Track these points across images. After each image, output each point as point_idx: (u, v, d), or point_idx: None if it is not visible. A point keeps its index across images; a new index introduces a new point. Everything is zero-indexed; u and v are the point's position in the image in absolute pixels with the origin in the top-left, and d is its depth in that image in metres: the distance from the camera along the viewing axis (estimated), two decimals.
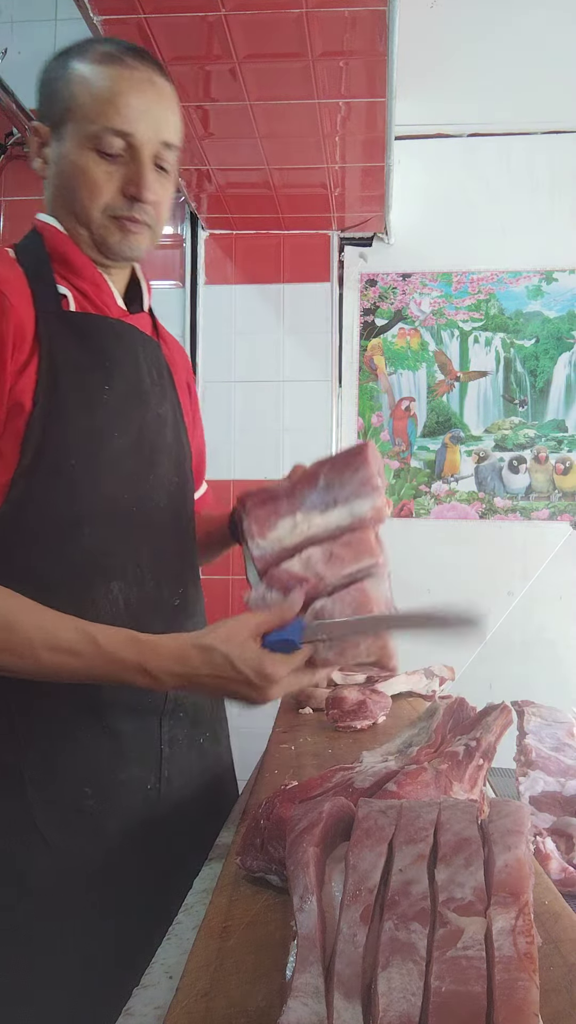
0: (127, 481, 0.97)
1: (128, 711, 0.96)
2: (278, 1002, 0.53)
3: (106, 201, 0.96)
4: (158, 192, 0.98)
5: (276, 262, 2.39)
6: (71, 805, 0.91)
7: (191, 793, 1.03)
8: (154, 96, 0.98)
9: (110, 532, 0.95)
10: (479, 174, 2.38)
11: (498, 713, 0.90)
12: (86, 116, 0.94)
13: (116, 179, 0.96)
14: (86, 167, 0.95)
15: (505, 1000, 0.47)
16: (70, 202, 0.97)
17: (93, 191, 0.96)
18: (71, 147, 0.95)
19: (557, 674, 2.28)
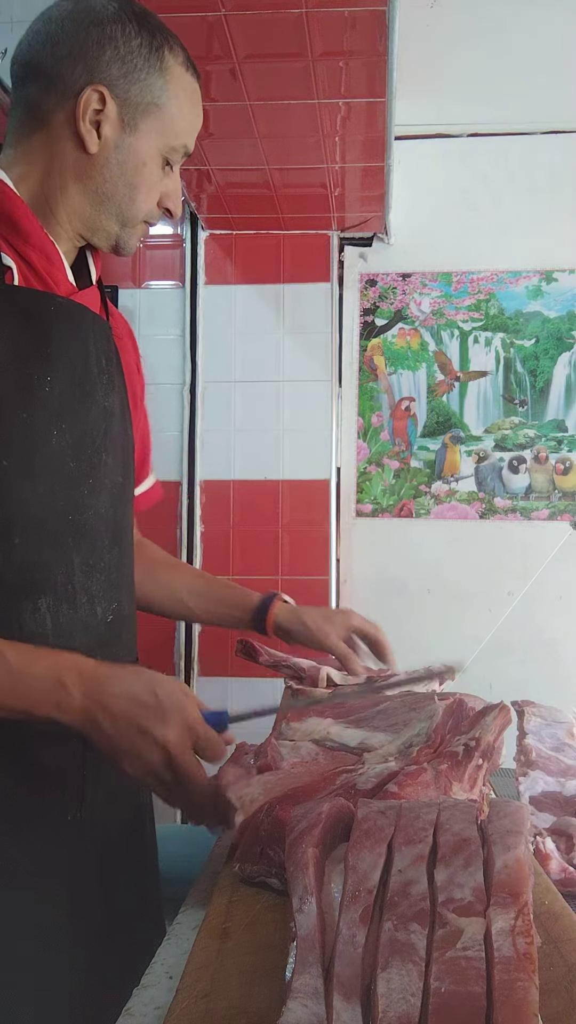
0: (64, 485, 0.87)
1: (51, 741, 0.84)
2: (278, 1003, 0.53)
3: (150, 208, 0.94)
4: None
5: (276, 262, 2.39)
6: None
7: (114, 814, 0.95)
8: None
9: (41, 543, 0.84)
10: (479, 174, 2.38)
11: (497, 712, 0.90)
12: (174, 129, 0.92)
13: (157, 191, 0.94)
14: (154, 175, 0.92)
15: (505, 1000, 0.47)
16: (115, 196, 0.91)
17: (150, 197, 0.93)
18: (146, 147, 0.90)
19: (557, 674, 2.28)
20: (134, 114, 0.89)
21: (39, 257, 0.87)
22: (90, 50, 0.87)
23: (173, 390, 2.40)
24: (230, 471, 2.38)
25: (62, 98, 0.88)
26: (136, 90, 0.89)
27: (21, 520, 0.83)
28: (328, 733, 1.06)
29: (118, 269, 2.41)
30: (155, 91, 0.90)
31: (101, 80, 0.87)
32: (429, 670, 1.44)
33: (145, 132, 0.90)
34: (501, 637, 2.32)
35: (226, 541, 2.37)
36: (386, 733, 1.01)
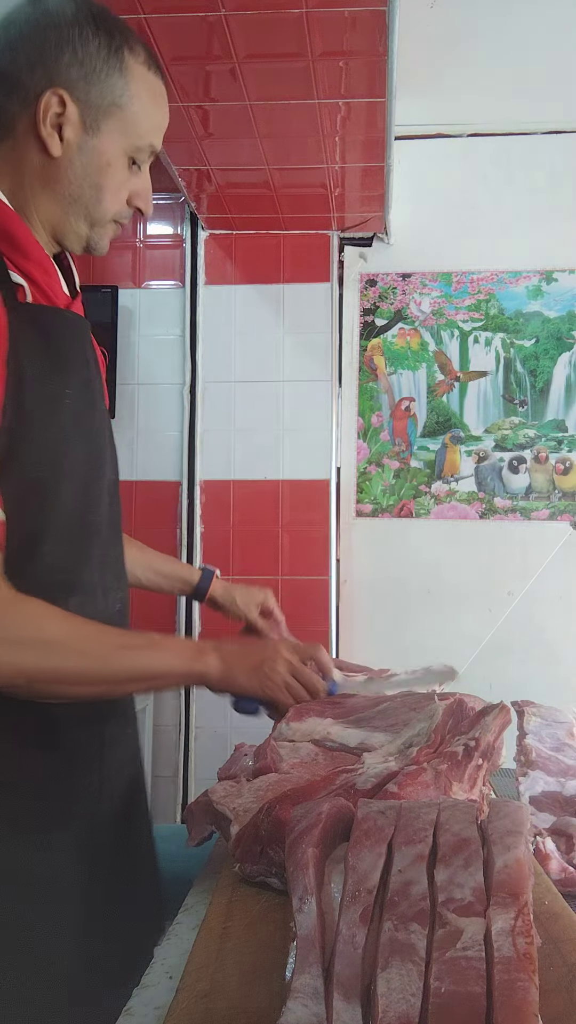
0: (82, 489, 0.93)
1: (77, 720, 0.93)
2: (278, 1003, 0.53)
3: (118, 208, 0.95)
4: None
5: (276, 262, 2.39)
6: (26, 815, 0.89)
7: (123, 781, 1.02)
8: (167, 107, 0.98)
9: (67, 547, 0.91)
10: (479, 174, 2.38)
11: (497, 712, 0.90)
12: (138, 129, 0.93)
13: (125, 190, 0.95)
14: (120, 175, 0.93)
15: (504, 1000, 0.47)
16: (81, 198, 0.92)
17: (117, 197, 0.94)
18: (109, 147, 0.91)
19: (557, 674, 2.28)
20: (96, 116, 0.90)
21: (39, 272, 0.89)
22: (48, 54, 0.87)
23: (173, 390, 2.40)
24: (230, 471, 2.38)
25: (24, 104, 0.88)
26: (96, 91, 0.89)
27: (51, 528, 0.88)
28: (328, 733, 1.06)
29: (118, 269, 2.41)
30: (116, 92, 0.90)
31: (60, 83, 0.87)
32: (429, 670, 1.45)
33: (107, 133, 0.91)
34: (501, 637, 2.32)
35: (226, 541, 2.37)
36: (386, 733, 1.01)
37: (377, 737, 1.01)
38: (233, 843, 0.80)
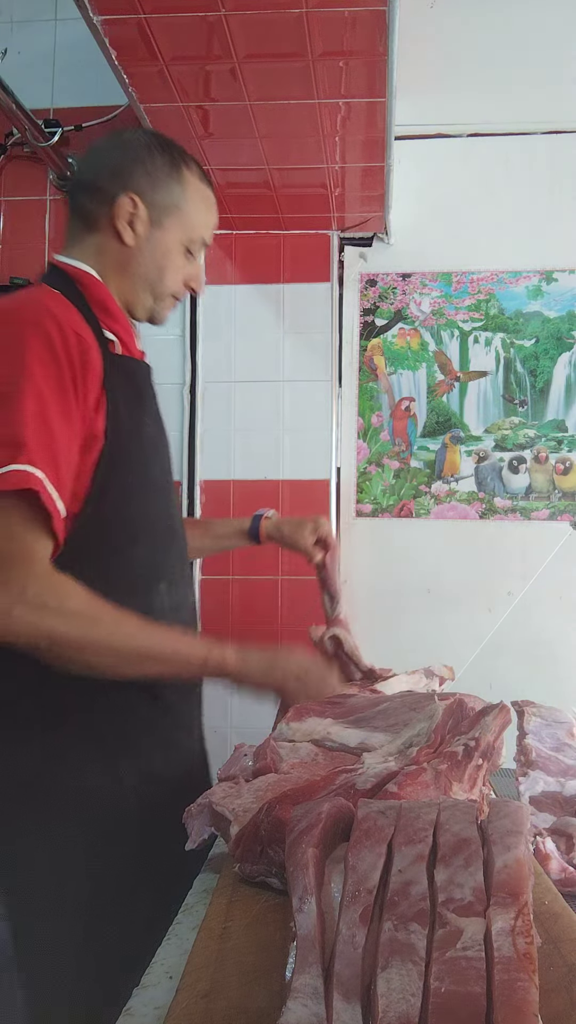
0: (162, 498, 1.19)
1: (175, 687, 1.17)
2: (278, 1003, 0.53)
3: (176, 287, 1.23)
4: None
5: (276, 262, 2.39)
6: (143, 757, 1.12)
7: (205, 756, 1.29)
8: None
9: (156, 543, 1.16)
10: (479, 174, 2.38)
11: (496, 712, 0.90)
12: (193, 226, 1.21)
13: (183, 274, 1.23)
14: (178, 261, 1.21)
15: (504, 1000, 0.47)
16: (147, 277, 1.19)
17: (176, 279, 1.22)
18: (171, 239, 1.19)
19: (557, 674, 2.28)
20: (159, 214, 1.17)
21: (124, 331, 1.17)
22: (125, 167, 1.16)
23: (173, 390, 2.40)
24: (230, 471, 2.38)
25: (105, 205, 1.15)
26: (160, 195, 1.17)
27: (143, 528, 1.12)
28: (328, 733, 1.06)
29: None
30: (175, 196, 1.18)
31: (133, 188, 1.15)
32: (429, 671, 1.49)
33: (169, 227, 1.18)
34: (501, 637, 2.32)
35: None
36: (386, 733, 1.01)
37: (377, 737, 1.01)
38: (233, 843, 0.80)
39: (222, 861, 0.87)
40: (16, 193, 2.43)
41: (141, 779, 1.11)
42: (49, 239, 2.42)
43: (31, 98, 2.21)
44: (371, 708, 1.13)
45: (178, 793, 1.08)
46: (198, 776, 1.23)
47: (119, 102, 2.29)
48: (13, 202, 2.44)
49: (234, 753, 1.07)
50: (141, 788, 1.10)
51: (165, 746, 1.16)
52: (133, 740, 1.12)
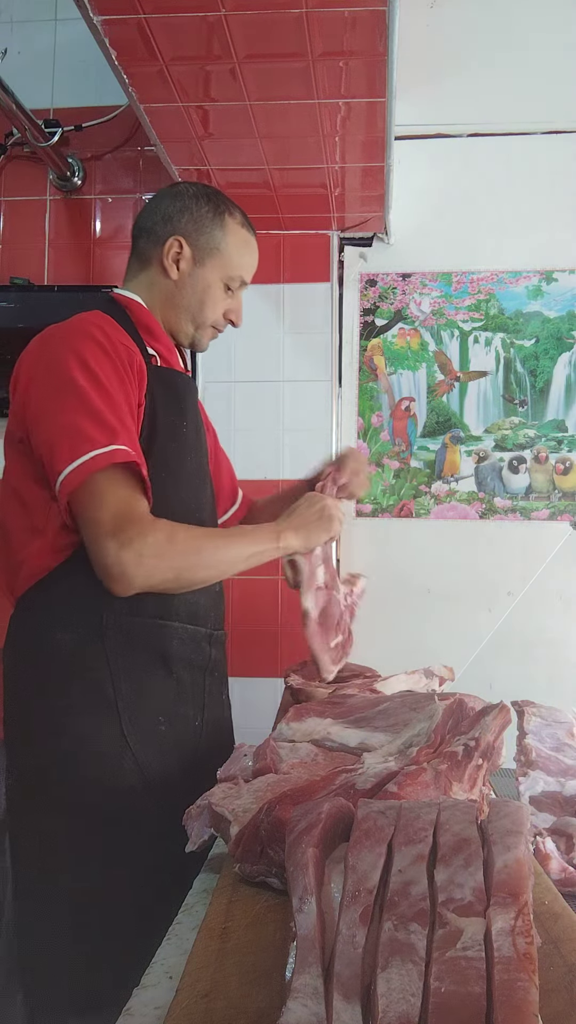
0: (194, 492, 1.33)
1: (186, 664, 1.28)
2: (278, 1003, 0.53)
3: (215, 318, 1.39)
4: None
5: (276, 262, 2.39)
6: (152, 729, 1.21)
7: (218, 739, 1.36)
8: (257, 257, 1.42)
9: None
10: (479, 174, 2.38)
11: (496, 712, 0.90)
12: (232, 265, 1.37)
13: (223, 307, 1.39)
14: (217, 295, 1.37)
15: (504, 1000, 0.47)
16: (191, 307, 1.36)
17: (215, 311, 1.38)
18: (211, 276, 1.36)
19: (557, 674, 2.28)
20: (202, 255, 1.35)
21: (165, 350, 1.33)
22: (175, 214, 1.35)
23: None
24: None
25: (157, 245, 1.35)
26: (204, 239, 1.35)
27: (174, 512, 1.19)
28: (328, 733, 1.06)
29: (118, 269, 2.41)
30: (216, 239, 1.35)
31: (180, 232, 1.34)
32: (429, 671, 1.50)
33: (210, 267, 1.35)
34: (501, 637, 2.32)
35: None
36: (386, 733, 1.01)
37: (377, 737, 1.01)
38: (233, 843, 0.80)
39: (222, 861, 0.87)
40: (16, 193, 2.43)
41: (148, 745, 1.20)
42: (49, 239, 2.42)
43: (31, 98, 2.21)
44: (371, 708, 1.13)
45: (184, 769, 1.23)
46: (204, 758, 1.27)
47: (119, 102, 2.29)
48: (13, 202, 2.44)
49: (234, 753, 1.07)
50: (142, 750, 1.19)
51: (170, 717, 1.24)
52: (138, 703, 1.21)
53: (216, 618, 1.38)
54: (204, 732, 1.31)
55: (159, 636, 1.24)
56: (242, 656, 2.36)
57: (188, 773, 1.23)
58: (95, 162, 2.42)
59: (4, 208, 2.44)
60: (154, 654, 1.24)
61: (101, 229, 2.44)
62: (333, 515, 1.33)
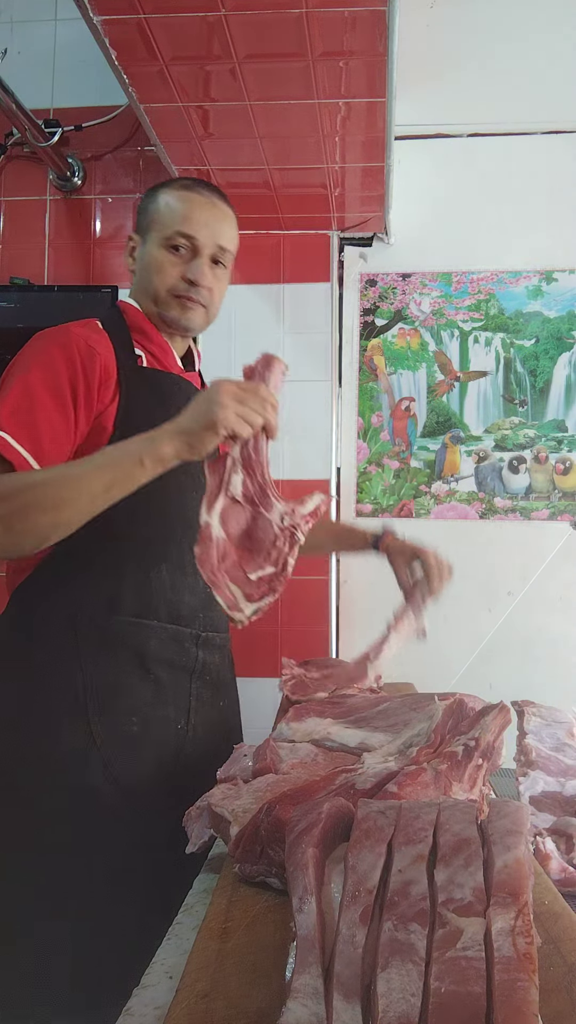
0: (176, 491, 1.26)
1: (167, 665, 1.25)
2: (278, 1003, 0.53)
3: (171, 283, 1.31)
4: (211, 279, 1.33)
5: (276, 262, 2.39)
6: (122, 729, 1.18)
7: (211, 744, 1.28)
8: (214, 213, 1.32)
9: (159, 528, 1.25)
10: (479, 174, 2.38)
11: (496, 712, 0.90)
12: (164, 224, 1.30)
13: (180, 268, 1.31)
14: (160, 259, 1.31)
15: (504, 1000, 0.47)
16: (146, 285, 1.32)
17: (163, 275, 1.31)
18: (152, 247, 1.32)
19: (557, 674, 2.28)
20: (144, 233, 1.34)
21: (158, 350, 1.34)
22: (136, 221, 1.39)
23: None
24: None
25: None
26: (144, 220, 1.35)
27: (144, 509, 1.17)
28: (328, 733, 1.06)
29: (118, 269, 2.41)
30: (151, 212, 1.33)
31: (135, 230, 1.38)
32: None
33: (150, 239, 1.32)
34: (501, 637, 2.32)
35: None
36: (386, 733, 1.01)
37: (377, 737, 1.01)
38: (233, 844, 0.80)
39: (222, 861, 0.87)
40: (16, 193, 2.43)
41: (116, 745, 1.17)
42: (49, 239, 2.42)
43: (31, 98, 2.21)
44: (371, 708, 1.13)
45: (162, 772, 1.20)
46: (191, 763, 1.25)
47: (119, 102, 2.29)
48: (13, 202, 2.44)
49: (234, 753, 1.07)
50: (110, 749, 1.17)
51: (145, 718, 1.21)
52: (109, 701, 1.19)
53: (207, 621, 1.33)
54: (190, 736, 1.27)
55: (136, 635, 1.22)
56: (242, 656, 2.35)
57: (168, 776, 1.21)
58: (95, 162, 2.42)
59: (4, 208, 2.44)
60: (131, 653, 1.22)
61: (101, 229, 2.44)
62: (221, 402, 1.06)
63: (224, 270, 1.37)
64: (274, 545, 1.17)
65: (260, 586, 1.15)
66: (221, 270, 1.36)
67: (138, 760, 1.19)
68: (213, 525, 1.12)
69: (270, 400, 1.11)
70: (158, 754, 1.22)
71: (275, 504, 1.19)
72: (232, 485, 1.15)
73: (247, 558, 1.15)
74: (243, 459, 1.16)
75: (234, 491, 1.15)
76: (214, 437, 1.05)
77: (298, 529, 1.20)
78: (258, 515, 1.17)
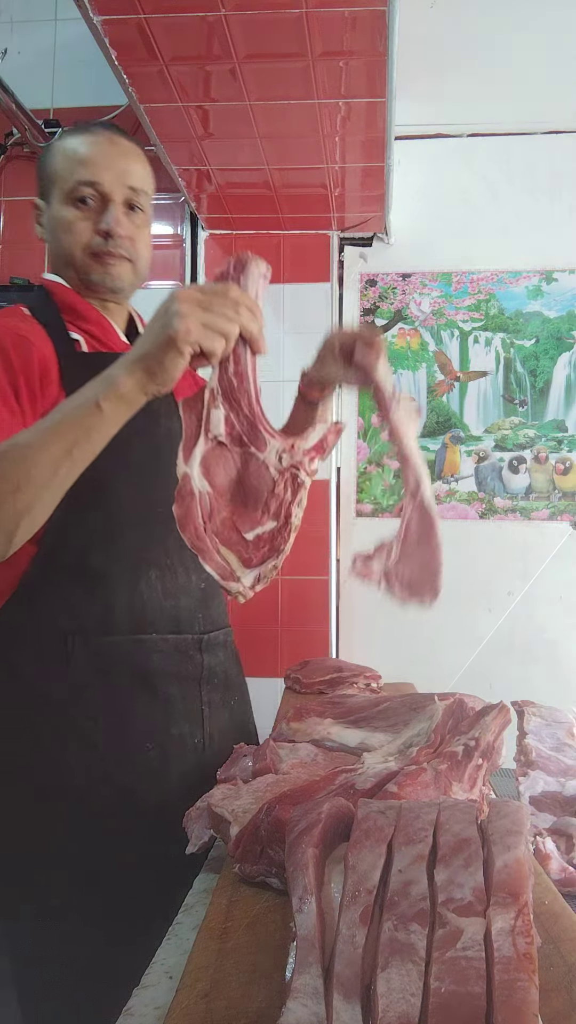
0: (148, 488, 1.12)
1: (174, 679, 1.15)
2: (278, 1003, 0.53)
3: (84, 241, 1.15)
4: (128, 227, 1.16)
5: (276, 262, 2.39)
6: (138, 757, 1.10)
7: (228, 749, 1.18)
8: (115, 151, 1.16)
9: (142, 531, 1.12)
10: (479, 174, 2.38)
11: (496, 712, 0.90)
12: (62, 177, 1.15)
13: (91, 222, 1.14)
14: (66, 217, 1.15)
15: (504, 1000, 0.47)
16: (60, 251, 1.17)
17: (73, 234, 1.15)
18: (56, 206, 1.16)
19: (557, 674, 2.28)
20: (46, 196, 1.18)
21: (96, 328, 1.18)
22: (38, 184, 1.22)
23: None
24: None
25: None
26: (43, 182, 1.19)
27: (125, 515, 1.09)
28: (328, 733, 1.06)
29: None
30: (49, 169, 1.17)
31: (37, 194, 1.21)
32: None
33: (54, 198, 1.16)
34: (501, 637, 2.32)
35: None
36: (386, 733, 1.01)
37: (377, 737, 1.01)
38: (233, 844, 0.80)
39: (222, 861, 0.87)
40: (16, 193, 2.43)
41: (135, 775, 1.10)
42: None
43: (31, 98, 2.21)
44: (371, 708, 1.13)
45: (178, 793, 1.09)
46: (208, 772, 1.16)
47: (119, 102, 2.29)
48: (13, 202, 2.44)
49: (234, 754, 1.07)
50: (135, 782, 1.09)
51: (162, 741, 1.12)
52: (124, 733, 1.10)
53: (206, 620, 1.21)
54: (208, 747, 1.18)
55: (136, 654, 1.11)
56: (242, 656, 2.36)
57: (189, 789, 1.09)
58: None
59: (4, 208, 2.44)
60: (133, 675, 1.11)
61: None
62: (180, 311, 0.86)
63: (143, 215, 1.19)
64: (273, 493, 0.95)
65: (260, 546, 0.92)
66: (140, 215, 1.18)
67: (160, 787, 1.10)
68: (193, 476, 0.88)
69: (245, 302, 0.92)
70: (181, 773, 1.13)
71: (269, 442, 0.96)
72: (213, 423, 0.91)
73: (240, 513, 0.92)
74: (223, 388, 0.94)
75: (216, 430, 0.91)
76: (177, 357, 0.86)
77: (302, 469, 0.99)
78: (249, 458, 0.94)
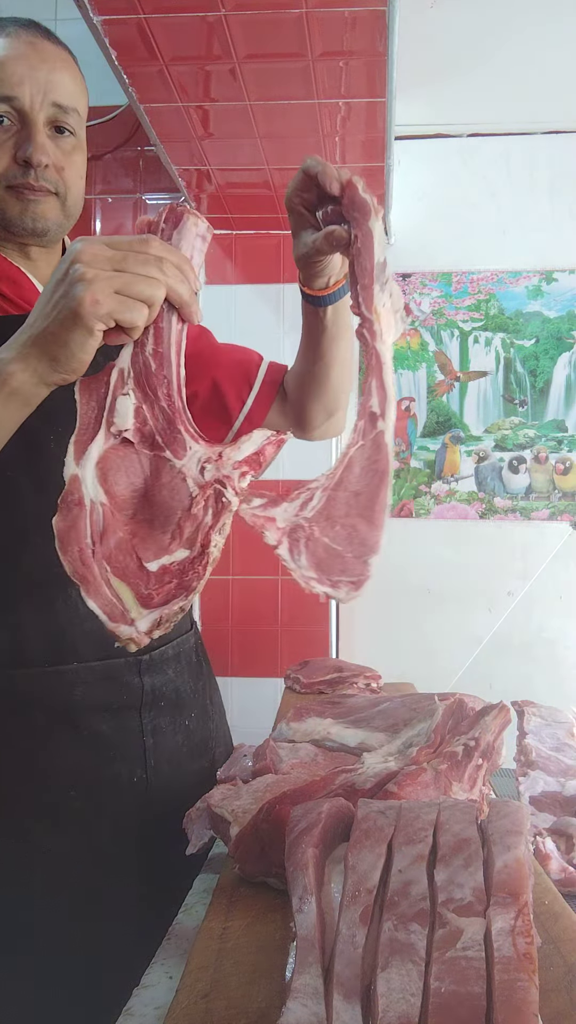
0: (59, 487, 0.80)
1: (104, 711, 0.97)
2: (278, 1003, 0.53)
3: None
4: (54, 154, 0.93)
5: (276, 262, 2.39)
6: (60, 807, 0.95)
7: (183, 776, 1.05)
8: (37, 59, 0.92)
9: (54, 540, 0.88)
10: (479, 174, 2.38)
11: (496, 712, 0.90)
12: None
13: (8, 148, 0.91)
14: None
15: (504, 1000, 0.47)
16: None
17: None
18: None
19: (557, 674, 2.28)
20: None
21: (9, 286, 0.94)
22: None
23: None
24: None
25: None
26: None
27: (34, 523, 0.89)
28: (328, 733, 1.06)
29: None
30: None
31: None
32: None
33: None
34: (501, 637, 2.32)
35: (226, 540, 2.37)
36: (386, 733, 1.01)
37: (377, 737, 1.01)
38: (233, 844, 0.80)
39: (222, 861, 0.87)
40: None
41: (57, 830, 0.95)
42: None
43: None
44: (371, 708, 1.13)
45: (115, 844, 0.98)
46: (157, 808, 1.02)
47: (119, 102, 2.29)
48: None
49: (234, 754, 1.07)
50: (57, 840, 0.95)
51: (87, 785, 0.96)
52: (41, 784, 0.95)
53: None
54: (152, 782, 1.02)
55: (54, 688, 0.94)
56: (242, 656, 2.36)
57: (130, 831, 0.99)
58: (95, 162, 2.42)
59: None
60: (51, 713, 0.94)
61: (101, 229, 2.44)
62: (84, 274, 0.65)
63: (74, 139, 0.96)
64: (189, 513, 0.73)
65: (164, 581, 0.71)
66: (69, 139, 0.96)
67: (88, 839, 0.96)
68: (85, 481, 0.68)
69: (171, 258, 0.69)
70: (116, 816, 0.98)
71: (191, 446, 0.72)
72: (118, 414, 0.69)
73: (144, 535, 0.71)
74: (136, 370, 0.70)
75: (121, 424, 0.69)
76: (85, 336, 0.66)
77: (229, 486, 0.77)
78: (162, 464, 0.72)
